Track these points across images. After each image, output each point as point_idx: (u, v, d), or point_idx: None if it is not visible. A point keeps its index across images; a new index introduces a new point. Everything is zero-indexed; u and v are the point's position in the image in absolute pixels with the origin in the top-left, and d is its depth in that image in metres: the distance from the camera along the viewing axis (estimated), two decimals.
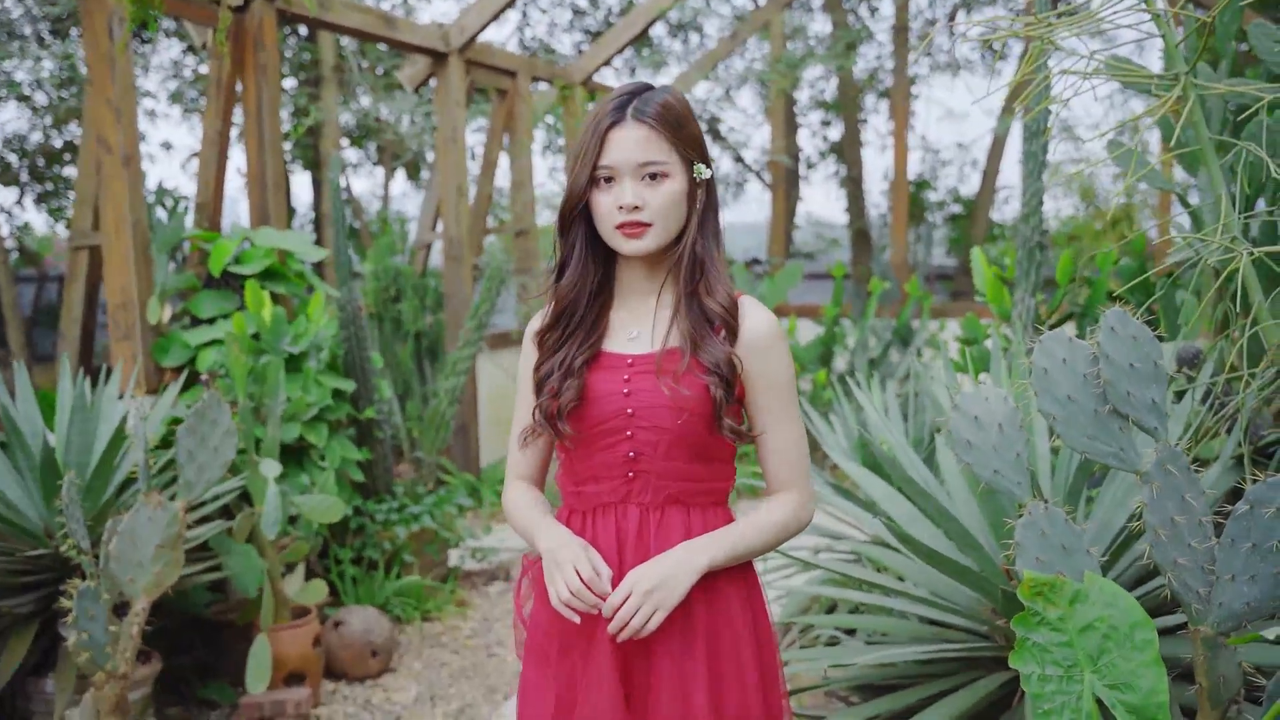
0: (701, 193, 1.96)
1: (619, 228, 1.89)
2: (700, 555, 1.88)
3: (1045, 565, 2.08)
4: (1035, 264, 3.75)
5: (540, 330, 2.02)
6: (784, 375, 1.96)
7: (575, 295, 1.98)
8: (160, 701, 4.11)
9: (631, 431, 1.92)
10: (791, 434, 1.98)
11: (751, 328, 1.93)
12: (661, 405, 1.89)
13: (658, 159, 1.88)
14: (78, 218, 5.10)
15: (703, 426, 1.90)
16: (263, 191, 5.36)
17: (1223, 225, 2.45)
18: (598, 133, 1.89)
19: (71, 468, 3.51)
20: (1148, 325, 3.61)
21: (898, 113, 10.60)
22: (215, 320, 4.69)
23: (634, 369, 1.94)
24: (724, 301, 1.92)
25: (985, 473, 2.13)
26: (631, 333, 1.99)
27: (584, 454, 1.97)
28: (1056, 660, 1.88)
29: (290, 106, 13.24)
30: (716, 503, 2.00)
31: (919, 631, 3.13)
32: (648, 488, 1.94)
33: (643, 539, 1.94)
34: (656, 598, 1.83)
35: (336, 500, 4.09)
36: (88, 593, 2.95)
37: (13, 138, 13.32)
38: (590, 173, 1.89)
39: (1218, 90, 2.64)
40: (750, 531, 1.95)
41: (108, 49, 4.44)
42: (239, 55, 5.36)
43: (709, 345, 1.89)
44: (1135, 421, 2.01)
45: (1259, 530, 1.91)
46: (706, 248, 1.95)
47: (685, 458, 1.92)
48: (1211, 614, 2.00)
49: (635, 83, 1.94)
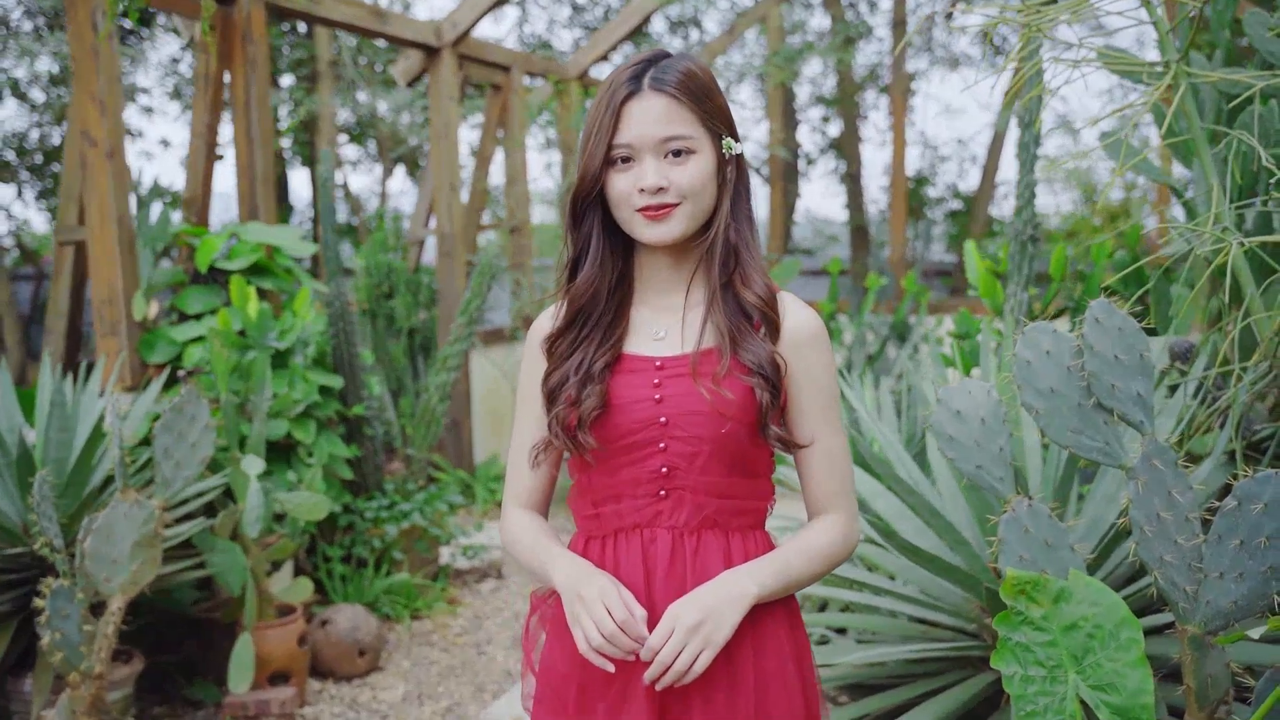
0: (731, 170, 1.72)
1: (640, 211, 1.66)
2: (749, 583, 1.63)
3: (1029, 562, 2.04)
4: (1028, 258, 3.70)
5: (552, 335, 1.78)
6: (829, 378, 1.74)
7: (593, 294, 1.74)
8: (146, 700, 4.07)
9: (665, 443, 1.68)
10: (837, 446, 1.75)
11: (795, 324, 1.71)
12: (700, 412, 1.66)
13: (682, 133, 1.65)
14: (64, 213, 5.06)
15: (746, 435, 1.67)
16: (252, 186, 5.31)
17: (1213, 216, 2.40)
18: (612, 106, 1.65)
19: (50, 465, 3.47)
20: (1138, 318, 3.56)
21: (896, 108, 10.54)
22: (202, 316, 4.64)
23: (665, 372, 1.71)
24: (763, 294, 1.69)
25: (968, 467, 2.08)
26: (658, 332, 1.75)
27: (606, 470, 1.73)
28: (1040, 660, 1.83)
29: (291, 103, 13.22)
30: (755, 525, 1.77)
31: (908, 630, 3.09)
32: (682, 507, 1.69)
33: (675, 568, 1.68)
34: (704, 634, 1.57)
35: (322, 498, 4.04)
36: (61, 591, 2.91)
37: (11, 135, 13.29)
38: (605, 152, 1.66)
39: (1209, 79, 2.59)
40: (798, 558, 1.70)
41: (92, 42, 4.39)
42: (227, 49, 5.32)
43: (750, 343, 1.67)
44: (1120, 415, 1.96)
45: (1246, 526, 1.87)
46: (740, 232, 1.73)
47: (724, 471, 1.69)
48: (1199, 612, 1.95)
49: (652, 50, 1.71)
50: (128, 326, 4.45)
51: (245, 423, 4.25)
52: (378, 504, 5.14)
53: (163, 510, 3.09)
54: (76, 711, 3.08)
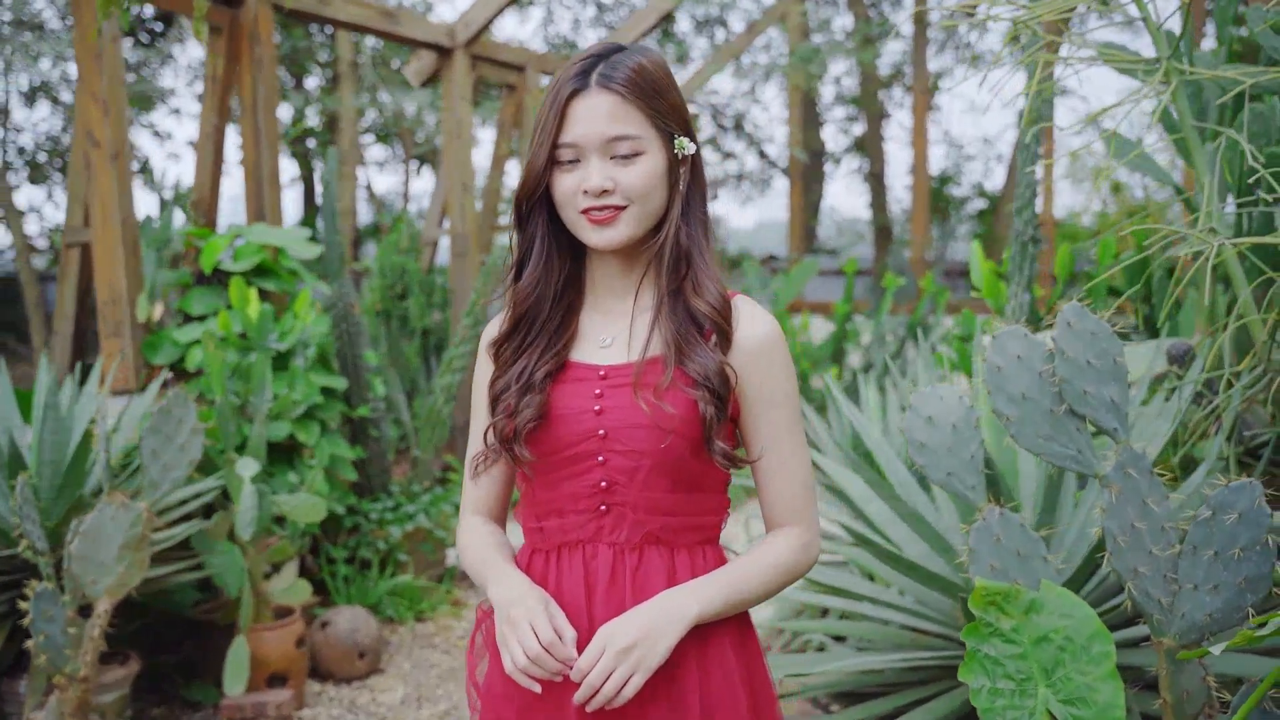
0: (685, 172, 1.66)
1: (585, 214, 1.60)
2: (689, 603, 1.57)
3: (1000, 572, 1.99)
4: (1029, 258, 3.63)
5: (496, 340, 1.72)
6: (785, 389, 1.66)
7: (536, 297, 1.68)
8: (145, 701, 4.08)
9: (604, 456, 1.62)
10: (795, 459, 1.68)
11: (748, 332, 1.64)
12: (640, 425, 1.60)
13: (629, 132, 1.58)
14: (70, 214, 5.09)
15: (689, 450, 1.61)
16: (258, 186, 5.32)
17: (1204, 215, 2.34)
18: (557, 104, 1.59)
19: (46, 467, 3.47)
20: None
21: (917, 107, 10.45)
22: (206, 318, 4.65)
23: (608, 382, 1.64)
24: (714, 301, 1.62)
25: (938, 475, 2.03)
26: (604, 339, 1.69)
27: (547, 483, 1.67)
28: (1009, 674, 1.79)
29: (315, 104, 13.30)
30: (706, 541, 1.70)
31: (899, 638, 3.04)
32: (623, 523, 1.63)
33: (616, 585, 1.63)
34: (635, 657, 1.51)
35: (319, 500, 4.03)
36: (45, 594, 2.91)
37: (44, 137, 13.45)
38: (550, 151, 1.60)
39: (1202, 76, 2.53)
40: (747, 575, 1.64)
41: (95, 44, 4.40)
42: (235, 50, 5.33)
43: (697, 353, 1.60)
44: (1093, 421, 1.91)
45: (1221, 537, 1.81)
46: (692, 236, 1.66)
47: (667, 487, 1.63)
48: (1174, 625, 1.90)
49: (603, 44, 1.65)
50: (131, 328, 4.46)
51: (246, 424, 4.25)
52: (382, 505, 5.14)
53: (150, 513, 3.08)
54: (65, 713, 3.08)
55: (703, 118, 16.87)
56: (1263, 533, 1.78)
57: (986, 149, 14.01)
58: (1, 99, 12.70)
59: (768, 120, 16.51)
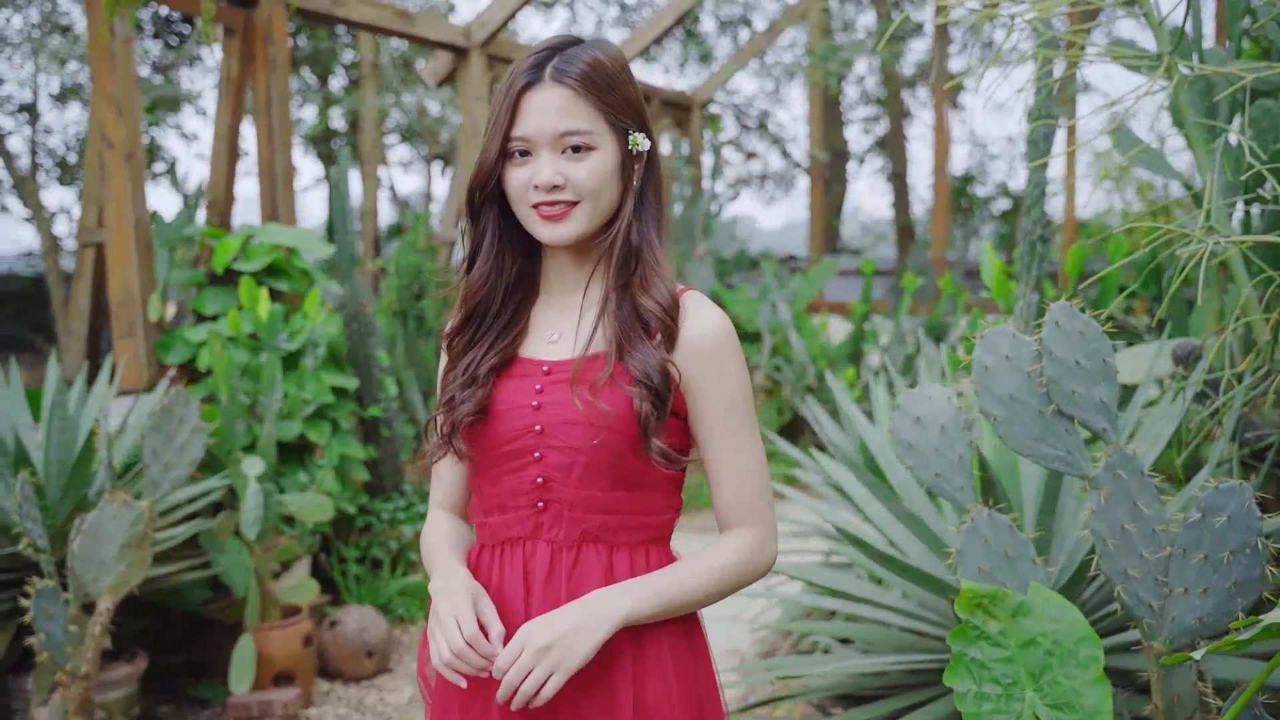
0: (639, 168, 1.64)
1: (536, 209, 1.59)
2: (617, 604, 1.54)
3: (988, 575, 1.97)
4: (1037, 258, 3.59)
5: (449, 333, 1.71)
6: (733, 387, 1.62)
7: (487, 291, 1.67)
8: (153, 699, 4.10)
9: (540, 452, 1.61)
10: (744, 458, 1.63)
11: (693, 331, 1.60)
12: (575, 421, 1.58)
13: (580, 127, 1.56)
14: (85, 215, 5.13)
15: (626, 448, 1.58)
16: (272, 187, 5.34)
17: (1204, 212, 2.31)
18: (510, 96, 1.57)
19: (52, 465, 3.50)
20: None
21: (938, 106, 10.39)
22: (218, 317, 4.67)
23: (550, 378, 1.63)
24: (662, 299, 1.59)
25: (926, 475, 2.01)
26: (552, 335, 1.68)
27: (490, 478, 1.67)
28: (996, 677, 1.77)
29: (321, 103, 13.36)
30: (650, 541, 1.66)
31: (900, 640, 3.01)
32: (560, 521, 1.62)
33: (553, 583, 1.61)
34: (553, 657, 1.48)
35: (325, 499, 4.04)
36: (46, 592, 2.93)
37: (74, 139, 13.56)
38: (502, 145, 1.58)
39: (1207, 71, 2.49)
40: (687, 577, 1.60)
41: (108, 44, 4.43)
42: (249, 51, 5.36)
43: (639, 350, 1.58)
44: (1082, 422, 1.88)
45: (1211, 540, 1.78)
46: (644, 234, 1.64)
47: (605, 485, 1.60)
48: (1164, 629, 1.87)
49: (560, 36, 1.63)
50: (144, 327, 4.48)
51: (257, 424, 4.27)
52: (394, 505, 5.15)
53: (151, 512, 3.09)
54: (68, 710, 3.10)
55: (726, 117, 16.86)
56: (1252, 536, 1.75)
57: (1011, 148, 13.91)
58: (30, 100, 12.82)
59: (791, 120, 16.45)
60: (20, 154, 13.17)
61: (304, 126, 15.71)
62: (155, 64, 13.30)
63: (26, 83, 12.72)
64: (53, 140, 13.42)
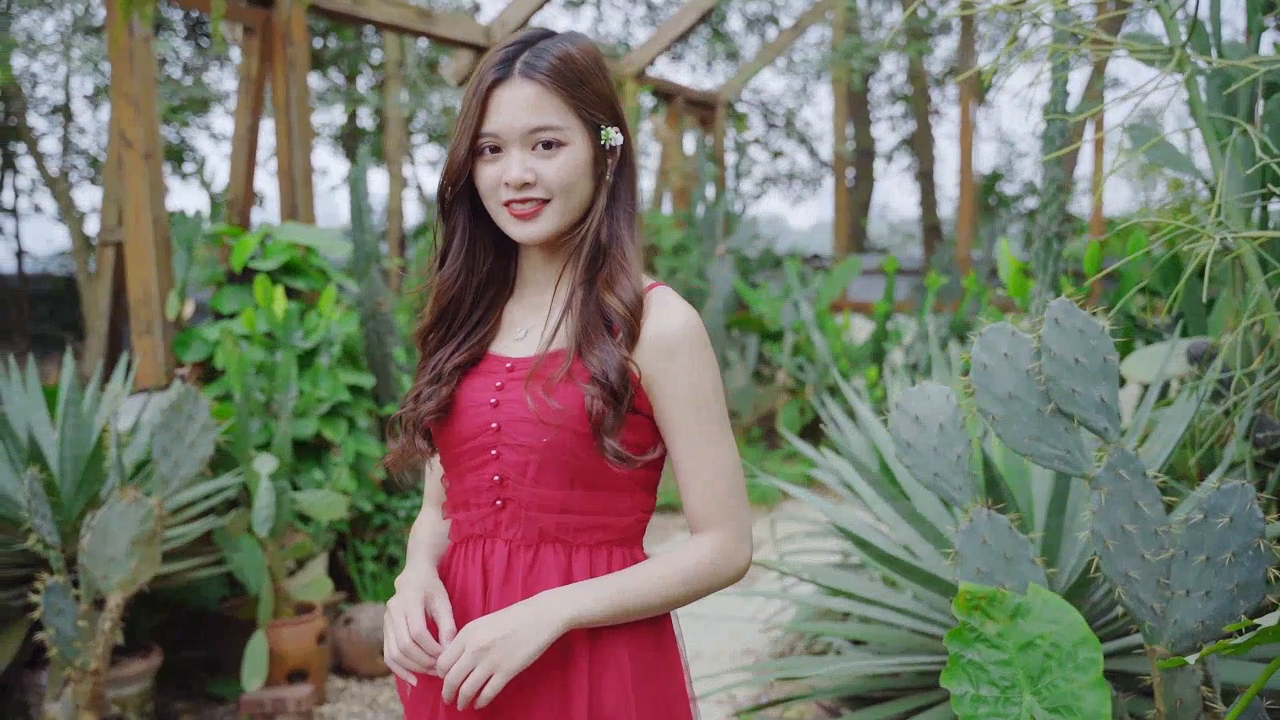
0: (612, 163, 1.62)
1: (506, 206, 1.56)
2: (564, 605, 1.50)
3: (986, 576, 1.94)
4: (1053, 255, 3.55)
5: (421, 330, 1.70)
6: (698, 386, 1.57)
7: (458, 289, 1.65)
8: (169, 695, 4.13)
9: (497, 450, 1.59)
10: (712, 458, 1.58)
11: (655, 328, 1.56)
12: (528, 419, 1.55)
13: (551, 123, 1.54)
14: (105, 214, 5.17)
15: (580, 447, 1.54)
16: (291, 186, 5.37)
17: (1215, 207, 2.27)
18: (479, 92, 1.55)
19: (67, 462, 3.52)
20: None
21: (963, 102, 10.31)
22: (236, 316, 4.70)
23: (511, 375, 1.61)
24: (626, 298, 1.56)
25: (925, 475, 1.98)
26: (520, 332, 1.66)
27: (456, 475, 1.66)
28: (993, 680, 1.74)
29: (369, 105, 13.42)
30: (615, 543, 1.62)
31: (909, 641, 2.98)
32: (517, 520, 1.59)
33: (510, 582, 1.59)
34: (493, 658, 1.46)
35: (339, 497, 4.05)
36: (55, 588, 2.94)
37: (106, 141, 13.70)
38: (471, 141, 1.56)
39: (1219, 64, 2.45)
40: (645, 580, 1.56)
41: (127, 44, 4.46)
42: (268, 51, 5.38)
43: (598, 348, 1.54)
44: (1081, 421, 1.85)
45: (1212, 542, 1.75)
46: (614, 231, 1.61)
47: (562, 484, 1.57)
48: (1167, 632, 1.83)
49: (532, 30, 1.60)
50: (162, 325, 4.51)
51: (273, 421, 4.28)
52: (411, 503, 5.15)
53: (160, 509, 3.10)
54: (79, 705, 3.12)
55: (753, 116, 16.81)
56: (1254, 537, 1.71)
57: (1040, 146, 13.78)
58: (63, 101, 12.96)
59: (818, 118, 16.39)
60: (54, 154, 13.34)
61: (333, 127, 15.80)
62: (186, 65, 13.41)
63: (60, 84, 12.88)
64: (85, 140, 13.58)
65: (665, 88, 9.36)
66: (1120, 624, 2.50)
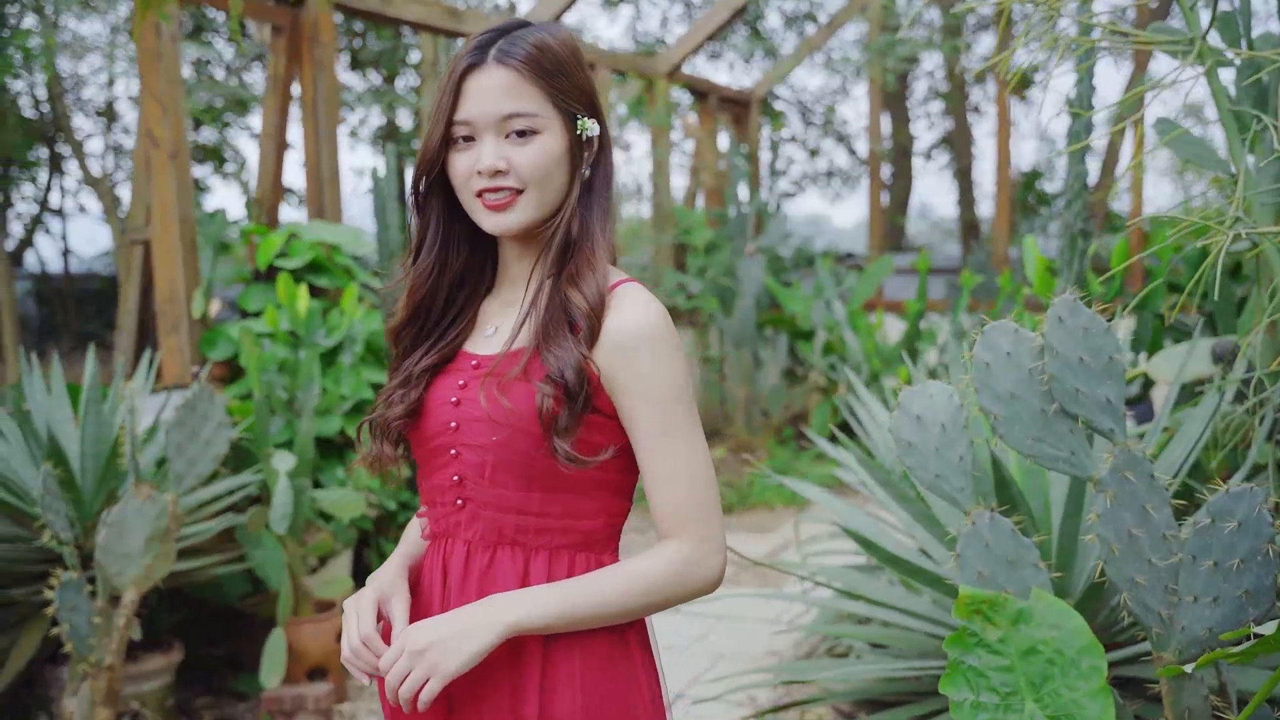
0: (588, 155, 1.57)
1: (480, 196, 1.52)
2: (506, 611, 1.45)
3: (988, 580, 1.89)
4: (1078, 253, 3.49)
5: (394, 328, 1.64)
6: (662, 386, 1.50)
7: (432, 285, 1.60)
8: (191, 690, 4.15)
9: (456, 450, 1.55)
10: (677, 461, 1.51)
11: (616, 326, 1.50)
12: (482, 419, 1.51)
13: (525, 109, 1.49)
14: (133, 213, 5.21)
15: (532, 447, 1.49)
16: (318, 185, 5.39)
17: (1236, 202, 2.20)
18: (453, 79, 1.50)
19: (87, 459, 3.55)
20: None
21: (1000, 101, 10.19)
22: (260, 314, 4.73)
23: (476, 373, 1.56)
24: (589, 294, 1.50)
25: (925, 476, 1.93)
26: (489, 329, 1.62)
27: (425, 474, 1.62)
28: (994, 686, 1.70)
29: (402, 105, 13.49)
30: (578, 547, 1.56)
31: (924, 645, 2.93)
32: (476, 520, 1.55)
33: (467, 584, 1.55)
34: (429, 660, 1.41)
35: (359, 496, 4.06)
36: (70, 584, 2.96)
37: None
38: (445, 130, 1.51)
39: (1238, 55, 2.38)
40: (599, 588, 1.49)
41: (154, 44, 4.48)
42: (295, 51, 5.40)
43: (557, 346, 1.48)
44: (1086, 422, 1.80)
45: (1220, 547, 1.69)
46: (586, 224, 1.56)
47: (518, 485, 1.52)
48: (1173, 639, 1.78)
49: (509, 19, 1.56)
50: (188, 324, 4.54)
51: (296, 419, 4.30)
52: None
53: (175, 506, 3.12)
54: (95, 701, 3.14)
55: (790, 114, 16.72)
56: (1263, 542, 1.66)
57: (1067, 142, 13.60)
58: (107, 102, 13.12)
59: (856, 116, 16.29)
60: (98, 155, 13.52)
61: (371, 127, 15.88)
62: (229, 66, 13.53)
63: (105, 86, 13.05)
64: (129, 141, 13.74)
65: (698, 85, 9.32)
66: (1135, 630, 2.44)
